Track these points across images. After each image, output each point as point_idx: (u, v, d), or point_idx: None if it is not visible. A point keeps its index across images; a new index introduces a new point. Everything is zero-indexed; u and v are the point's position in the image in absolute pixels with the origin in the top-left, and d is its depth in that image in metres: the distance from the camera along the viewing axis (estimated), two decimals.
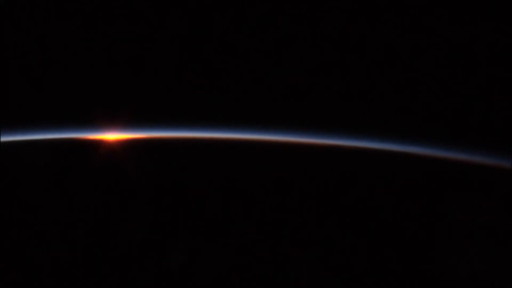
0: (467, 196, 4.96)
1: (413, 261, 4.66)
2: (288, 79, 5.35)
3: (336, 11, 5.07)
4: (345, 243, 4.78)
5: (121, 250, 4.71)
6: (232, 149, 5.48)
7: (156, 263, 4.64)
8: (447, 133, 5.25)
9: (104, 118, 5.27)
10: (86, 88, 5.23)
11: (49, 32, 5.07)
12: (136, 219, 4.92)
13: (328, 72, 5.30)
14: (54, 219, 4.85)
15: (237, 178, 5.26)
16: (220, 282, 4.56)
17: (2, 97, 5.10)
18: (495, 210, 4.81)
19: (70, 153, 5.35)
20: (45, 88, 5.17)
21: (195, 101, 5.40)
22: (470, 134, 5.17)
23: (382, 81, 5.27)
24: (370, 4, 5.04)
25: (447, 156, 5.27)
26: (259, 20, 5.14)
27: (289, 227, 4.91)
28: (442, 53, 5.11)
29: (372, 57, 5.20)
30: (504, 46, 4.95)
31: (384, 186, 5.15)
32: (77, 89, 5.22)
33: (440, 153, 5.31)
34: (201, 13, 5.11)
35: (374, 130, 5.42)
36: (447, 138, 5.26)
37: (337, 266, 4.63)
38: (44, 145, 5.33)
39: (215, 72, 5.35)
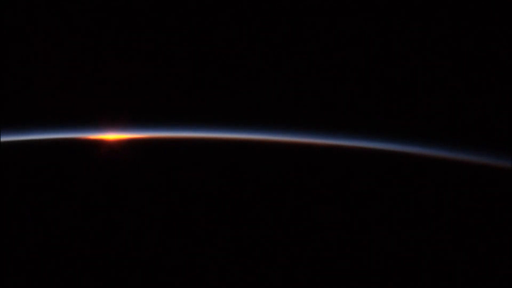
0: (467, 196, 4.96)
1: (413, 261, 4.66)
2: (288, 79, 5.35)
3: (336, 10, 5.07)
4: (345, 243, 4.79)
5: (121, 250, 4.71)
6: (232, 149, 5.48)
7: (156, 263, 4.64)
8: (447, 133, 5.25)
9: (104, 118, 5.27)
10: (86, 88, 5.23)
11: (49, 32, 5.07)
12: (136, 219, 4.92)
13: (328, 72, 5.31)
14: (55, 219, 4.85)
15: (237, 178, 5.26)
16: (220, 281, 4.56)
17: (2, 97, 5.10)
18: (495, 210, 4.81)
19: (70, 153, 5.35)
20: (45, 88, 5.17)
21: (195, 101, 5.40)
22: (470, 134, 5.18)
23: (382, 81, 5.27)
24: (370, 4, 5.04)
25: (447, 156, 5.28)
26: (259, 19, 5.14)
27: (289, 227, 4.91)
28: (442, 53, 5.11)
29: (372, 57, 5.20)
30: (504, 46, 4.95)
31: (384, 186, 5.16)
32: (77, 89, 5.22)
33: (440, 153, 5.31)
34: (201, 12, 5.11)
35: (374, 130, 5.43)
36: (447, 138, 5.27)
37: (336, 266, 4.63)
38: (44, 145, 5.33)
39: (215, 72, 5.35)
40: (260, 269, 4.63)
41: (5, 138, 5.21)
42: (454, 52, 5.08)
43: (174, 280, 4.54)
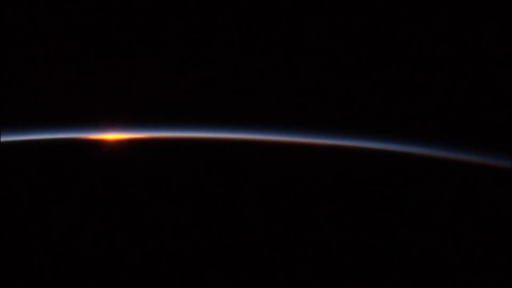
0: (467, 196, 4.96)
1: (413, 261, 4.66)
2: (288, 79, 5.35)
3: (336, 10, 5.07)
4: (345, 244, 4.79)
5: (121, 250, 4.71)
6: (232, 149, 5.48)
7: (156, 263, 4.64)
8: (447, 133, 5.26)
9: (104, 118, 5.27)
10: (86, 88, 5.23)
11: (49, 32, 5.07)
12: (136, 219, 4.92)
13: (328, 72, 5.31)
14: (55, 219, 4.85)
15: (237, 178, 5.26)
16: (220, 281, 4.57)
17: (2, 97, 5.10)
18: (495, 210, 4.81)
19: (70, 153, 5.35)
20: (45, 88, 5.17)
21: (195, 101, 5.40)
22: (470, 134, 5.18)
23: (382, 81, 5.27)
24: (370, 4, 5.04)
25: (447, 156, 5.28)
26: (259, 19, 5.15)
27: (289, 227, 4.92)
28: (442, 53, 5.12)
29: (372, 57, 5.21)
30: (504, 46, 4.95)
31: (384, 186, 5.16)
32: (77, 89, 5.22)
33: (440, 153, 5.31)
34: (201, 12, 5.11)
35: (374, 130, 5.43)
36: (447, 138, 5.27)
37: (336, 266, 4.64)
38: (44, 145, 5.33)
39: (215, 72, 5.36)
40: (260, 270, 4.63)
41: (5, 138, 5.21)
42: (454, 52, 5.08)
43: (174, 280, 4.55)
